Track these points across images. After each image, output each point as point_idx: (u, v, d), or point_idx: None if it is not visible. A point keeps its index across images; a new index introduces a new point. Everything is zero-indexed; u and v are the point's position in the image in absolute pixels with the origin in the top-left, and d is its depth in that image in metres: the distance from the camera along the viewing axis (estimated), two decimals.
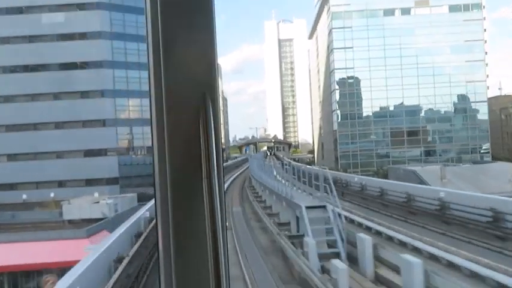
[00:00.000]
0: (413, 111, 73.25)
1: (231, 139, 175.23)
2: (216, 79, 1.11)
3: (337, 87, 74.68)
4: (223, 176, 1.13)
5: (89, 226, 30.73)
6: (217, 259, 0.96)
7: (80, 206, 35.35)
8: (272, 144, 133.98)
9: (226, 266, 1.02)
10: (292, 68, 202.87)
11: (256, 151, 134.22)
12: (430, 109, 73.60)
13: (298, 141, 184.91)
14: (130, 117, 51.78)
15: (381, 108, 73.96)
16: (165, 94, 1.07)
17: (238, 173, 54.15)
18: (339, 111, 74.70)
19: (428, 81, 71.08)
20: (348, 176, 35.43)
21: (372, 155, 72.73)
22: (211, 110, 1.07)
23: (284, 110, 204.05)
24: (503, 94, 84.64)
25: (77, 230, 30.09)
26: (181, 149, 1.07)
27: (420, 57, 71.10)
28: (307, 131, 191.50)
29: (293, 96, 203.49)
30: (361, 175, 43.15)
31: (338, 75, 74.36)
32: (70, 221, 34.03)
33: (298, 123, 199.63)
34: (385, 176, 52.32)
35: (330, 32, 76.45)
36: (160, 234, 1.08)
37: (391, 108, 73.84)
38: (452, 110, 73.47)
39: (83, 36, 49.88)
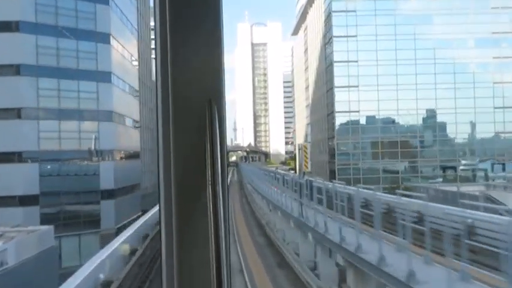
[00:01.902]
0: (430, 116, 60.26)
1: None
2: (222, 85, 1.13)
3: (336, 85, 60.50)
4: (227, 183, 1.16)
5: None
6: (219, 263, 0.98)
7: None
8: (246, 153, 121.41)
9: (229, 272, 1.03)
10: (265, 74, 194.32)
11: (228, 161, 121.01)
12: (451, 114, 60.52)
13: (269, 152, 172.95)
14: (61, 107, 36.12)
15: (388, 111, 60.50)
16: (172, 101, 1.10)
17: None
18: (338, 115, 60.43)
19: (448, 81, 58.32)
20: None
21: (378, 168, 58.83)
22: (217, 116, 1.09)
23: (256, 118, 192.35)
24: None
25: None
26: (186, 155, 1.11)
27: (438, 51, 58.49)
28: (279, 141, 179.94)
29: (265, 103, 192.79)
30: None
31: (337, 71, 60.24)
32: None
33: (270, 133, 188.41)
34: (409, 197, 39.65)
35: (327, 17, 62.76)
36: (164, 237, 1.10)
37: (401, 112, 60.35)
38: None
39: None
